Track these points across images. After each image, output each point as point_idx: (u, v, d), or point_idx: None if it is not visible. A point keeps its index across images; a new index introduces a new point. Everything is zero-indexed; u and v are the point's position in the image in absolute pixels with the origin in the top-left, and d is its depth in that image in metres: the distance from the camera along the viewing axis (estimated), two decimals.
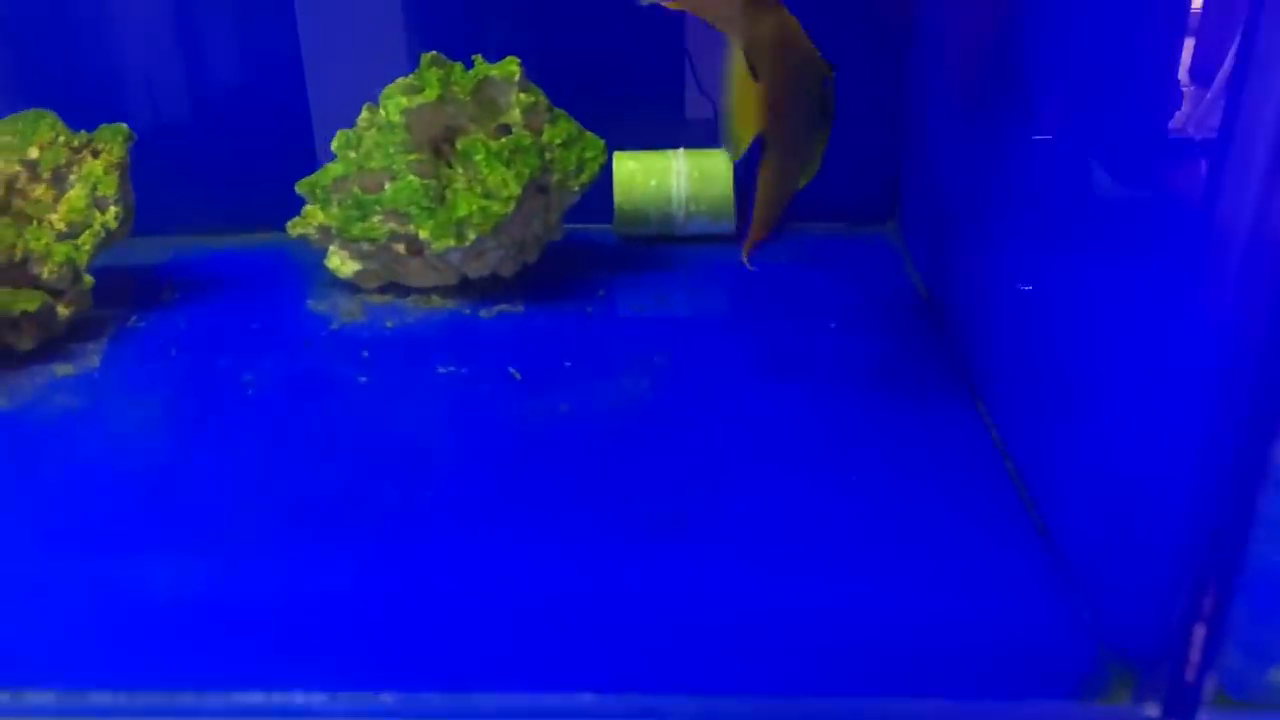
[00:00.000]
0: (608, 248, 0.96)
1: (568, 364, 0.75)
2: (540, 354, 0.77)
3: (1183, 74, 0.47)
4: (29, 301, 0.76)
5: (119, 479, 0.63)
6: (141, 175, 0.85)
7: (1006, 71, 0.70)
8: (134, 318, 0.84)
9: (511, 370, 0.74)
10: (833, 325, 0.79)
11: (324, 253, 0.89)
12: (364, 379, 0.74)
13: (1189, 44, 0.46)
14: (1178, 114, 0.47)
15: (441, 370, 0.75)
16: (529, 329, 0.81)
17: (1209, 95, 0.44)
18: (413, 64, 0.87)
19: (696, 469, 0.63)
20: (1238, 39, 0.40)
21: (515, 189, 0.83)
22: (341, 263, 0.88)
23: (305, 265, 0.92)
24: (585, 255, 0.94)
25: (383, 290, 0.88)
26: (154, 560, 0.56)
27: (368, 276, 0.88)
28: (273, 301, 0.87)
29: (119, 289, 0.87)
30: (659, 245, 0.96)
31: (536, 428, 0.67)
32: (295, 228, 0.88)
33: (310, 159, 0.96)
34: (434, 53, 0.86)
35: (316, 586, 0.54)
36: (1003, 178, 0.68)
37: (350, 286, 0.88)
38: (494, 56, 0.87)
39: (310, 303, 0.87)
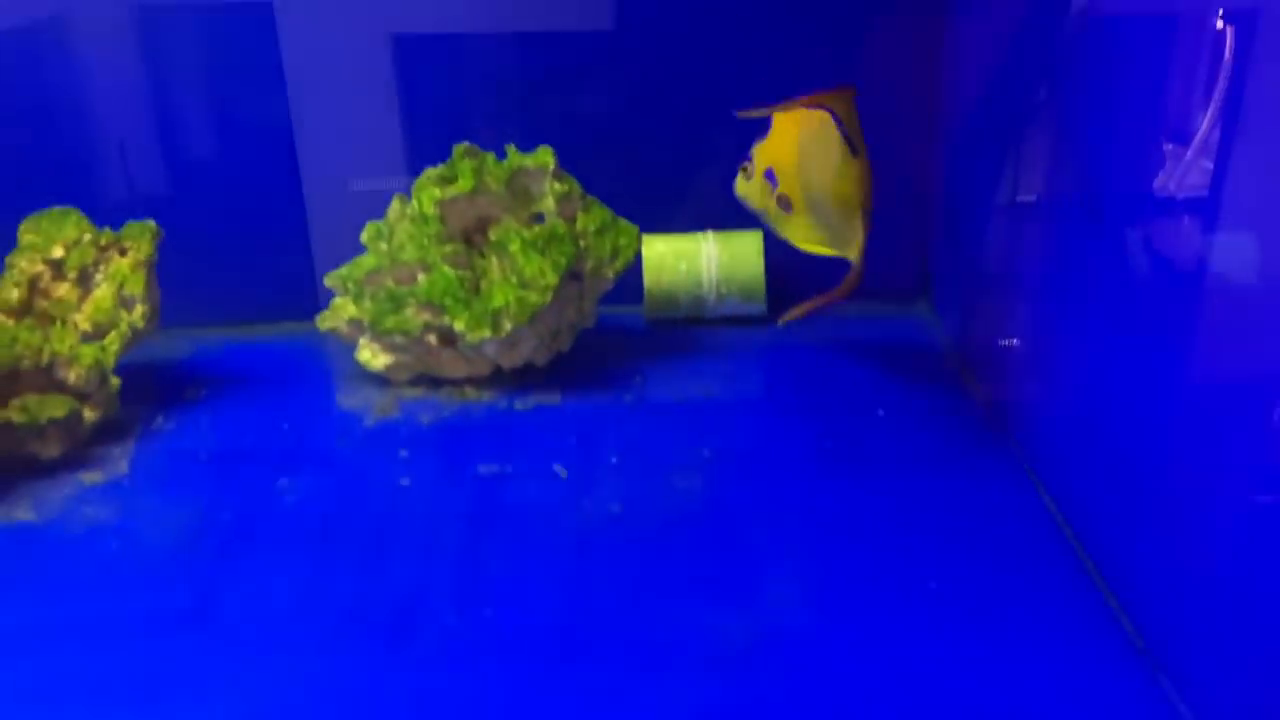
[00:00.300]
0: (638, 331, 0.95)
1: (614, 460, 0.73)
2: (583, 449, 0.75)
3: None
4: (57, 408, 0.73)
5: (153, 602, 0.60)
6: (160, 268, 0.84)
7: (1059, 159, 0.70)
8: (160, 418, 0.81)
9: (557, 468, 0.72)
10: (881, 413, 0.78)
11: (351, 345, 0.87)
12: (405, 481, 0.71)
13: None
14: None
15: (484, 470, 0.72)
16: (568, 421, 0.79)
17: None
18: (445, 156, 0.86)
19: (760, 582, 0.60)
20: None
21: (552, 278, 0.82)
22: (373, 355, 0.86)
23: (331, 357, 0.90)
24: (617, 340, 0.93)
25: (414, 382, 0.86)
26: (190, 695, 0.53)
27: (399, 369, 0.86)
28: (302, 398, 0.85)
29: (142, 387, 0.85)
30: (690, 328, 0.94)
31: (590, 533, 0.65)
32: (325, 321, 0.86)
33: (328, 247, 0.95)
34: (466, 144, 0.86)
35: None
36: (1064, 269, 0.67)
37: (381, 379, 0.86)
38: (502, 141, 0.86)
39: (341, 398, 0.84)
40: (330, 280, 0.86)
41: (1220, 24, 0.49)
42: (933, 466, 0.71)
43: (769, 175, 0.80)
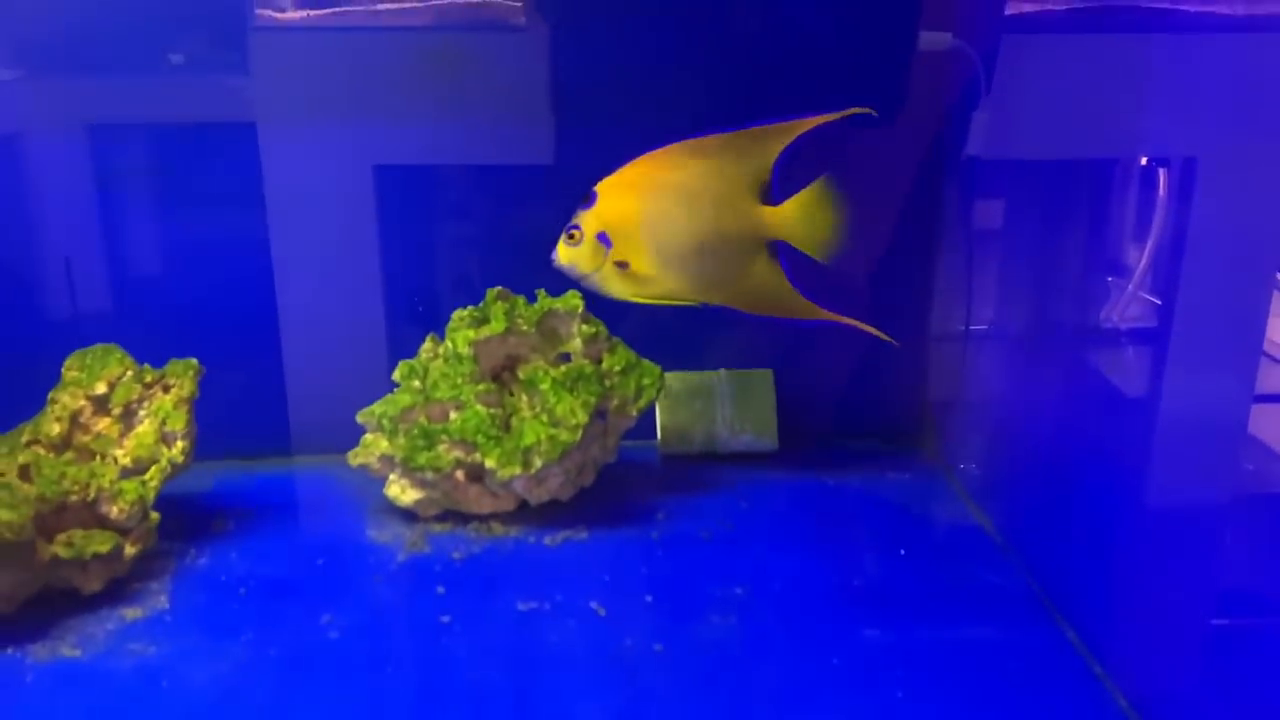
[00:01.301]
0: (654, 466, 0.98)
1: (648, 598, 0.75)
2: (617, 586, 0.77)
3: None
4: (102, 543, 0.74)
5: None
6: None
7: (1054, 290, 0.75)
8: (192, 552, 0.82)
9: (594, 605, 0.74)
10: (902, 552, 0.81)
11: (379, 479, 0.89)
12: (446, 618, 0.73)
13: None
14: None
15: (522, 607, 0.74)
16: (598, 557, 0.82)
17: None
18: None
19: None
20: None
21: (583, 417, 0.85)
22: (401, 491, 0.88)
23: (353, 490, 0.92)
24: (635, 475, 0.96)
25: (441, 518, 0.88)
26: None
27: (427, 505, 0.88)
28: (331, 531, 0.86)
29: (172, 520, 0.86)
30: (704, 463, 0.98)
31: (638, 673, 0.67)
32: (356, 458, 0.89)
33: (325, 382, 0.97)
34: (499, 288, 0.90)
35: None
36: (1086, 417, 0.72)
37: (408, 514, 0.88)
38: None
39: (370, 532, 0.86)
40: (362, 417, 0.89)
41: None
42: (957, 604, 0.74)
43: (601, 238, 0.84)
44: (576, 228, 0.84)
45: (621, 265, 0.84)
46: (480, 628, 0.72)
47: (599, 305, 0.91)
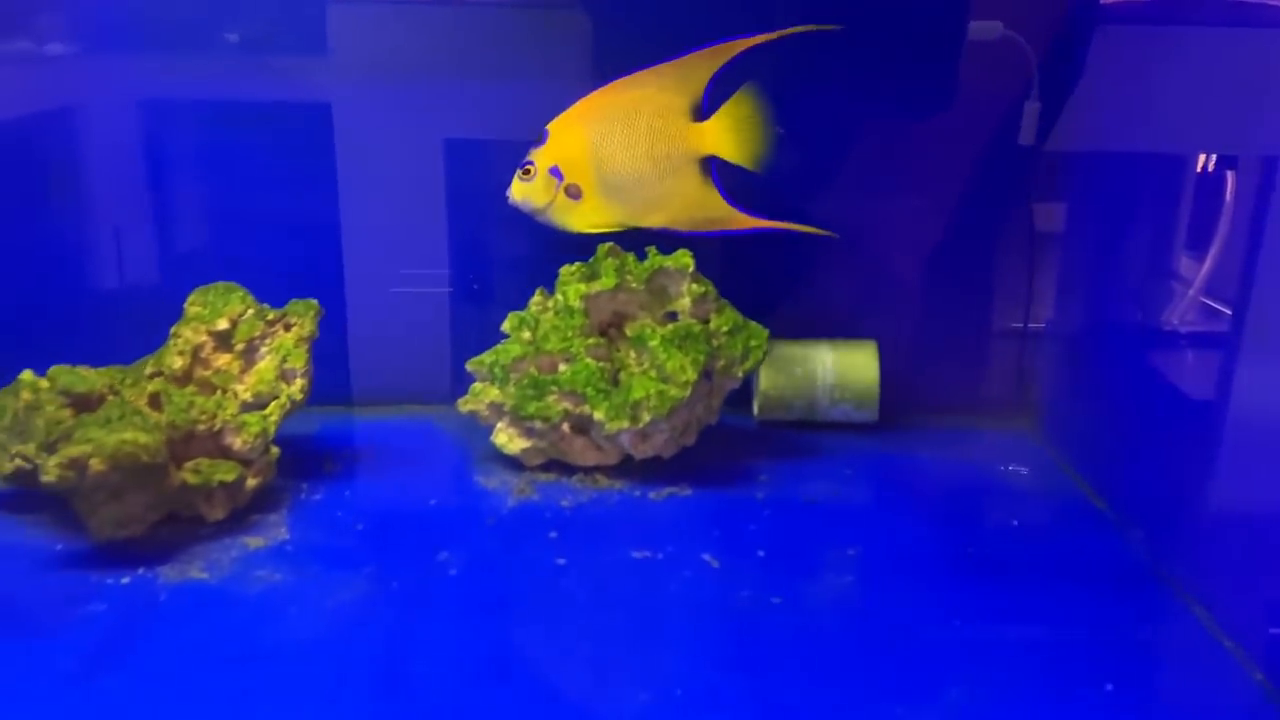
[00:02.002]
0: (752, 431, 0.98)
1: (761, 553, 0.76)
2: (727, 541, 0.77)
3: None
4: (227, 472, 0.76)
5: (339, 665, 0.62)
6: None
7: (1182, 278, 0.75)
8: (306, 488, 0.84)
9: (707, 558, 0.75)
10: (1015, 523, 0.81)
11: (479, 427, 0.90)
12: (562, 561, 0.74)
13: None
14: None
15: (636, 555, 0.75)
16: (704, 514, 0.82)
17: None
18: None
19: (936, 686, 0.62)
20: None
21: (692, 374, 0.86)
22: (509, 439, 0.89)
23: (456, 437, 0.93)
24: (734, 439, 0.96)
25: (546, 467, 0.89)
26: None
27: (533, 454, 0.89)
28: (440, 476, 0.88)
29: (284, 457, 0.87)
30: (802, 431, 0.98)
31: (757, 624, 0.67)
32: (466, 404, 0.90)
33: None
34: (610, 244, 0.91)
35: None
36: (1203, 394, 0.71)
37: (514, 463, 0.89)
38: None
39: (478, 478, 0.87)
40: (472, 365, 0.90)
41: None
42: (1076, 576, 0.73)
43: (553, 172, 0.87)
44: (530, 163, 0.88)
45: (573, 195, 0.88)
46: (596, 573, 0.72)
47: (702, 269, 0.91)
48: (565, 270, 0.91)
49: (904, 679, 0.62)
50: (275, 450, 0.81)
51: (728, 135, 0.88)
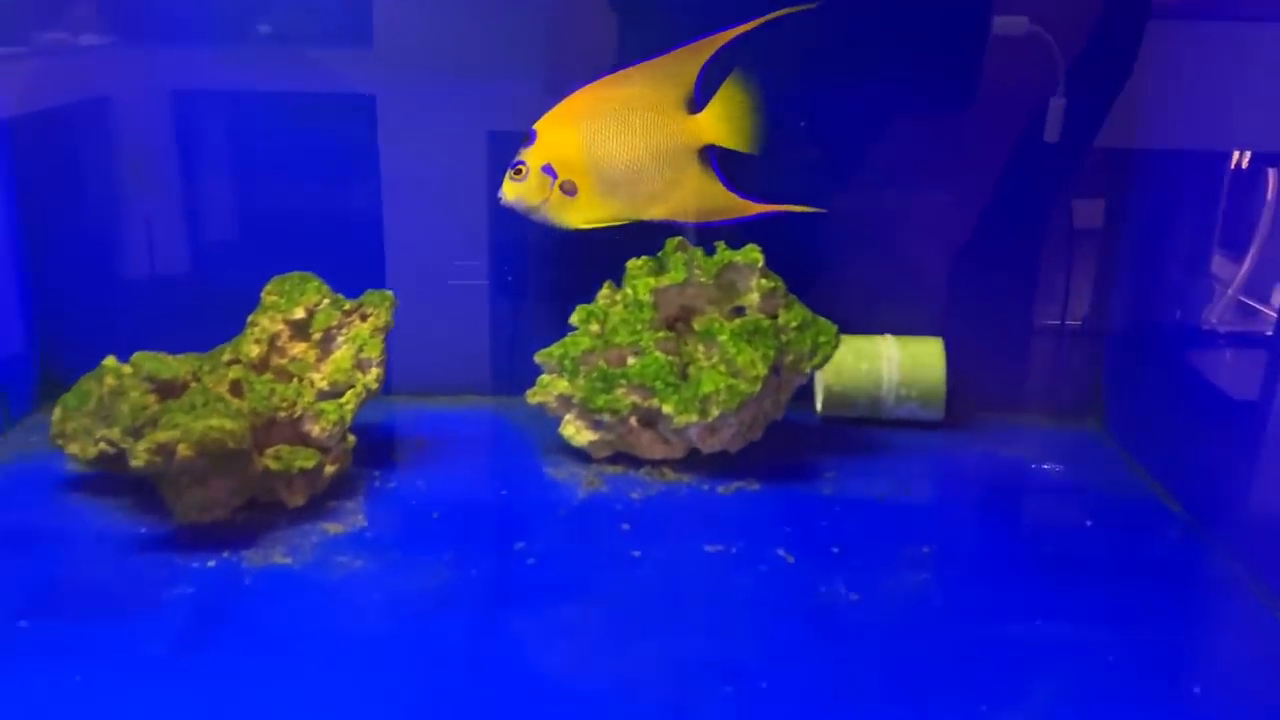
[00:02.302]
0: (815, 427, 0.98)
1: (835, 550, 0.76)
2: (799, 537, 0.77)
3: None
4: (307, 459, 0.77)
5: (426, 652, 0.63)
6: None
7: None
8: (379, 475, 0.85)
9: (781, 553, 0.75)
10: (1089, 524, 0.80)
11: (542, 418, 0.90)
12: (637, 553, 0.74)
13: None
14: None
15: (709, 549, 0.75)
16: (774, 509, 0.82)
17: None
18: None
19: (1024, 684, 0.62)
20: None
21: (762, 369, 0.86)
22: (576, 431, 0.90)
23: (521, 428, 0.94)
24: (798, 434, 0.96)
25: (612, 460, 0.89)
26: None
27: (600, 446, 0.90)
28: (510, 466, 0.88)
29: (359, 446, 0.89)
30: (866, 428, 0.98)
31: (835, 619, 0.67)
32: (534, 396, 0.90)
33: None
34: (679, 238, 0.91)
35: None
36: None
37: (581, 455, 0.90)
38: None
39: (546, 469, 0.88)
40: (541, 358, 0.91)
41: None
42: (1155, 577, 0.73)
43: (547, 170, 0.89)
44: (521, 163, 0.88)
45: (568, 191, 0.89)
46: (671, 565, 0.73)
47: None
48: (633, 264, 0.92)
49: (989, 678, 0.62)
50: (352, 438, 0.82)
51: (723, 124, 0.90)
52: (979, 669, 0.63)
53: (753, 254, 0.90)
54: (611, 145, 0.89)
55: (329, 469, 0.80)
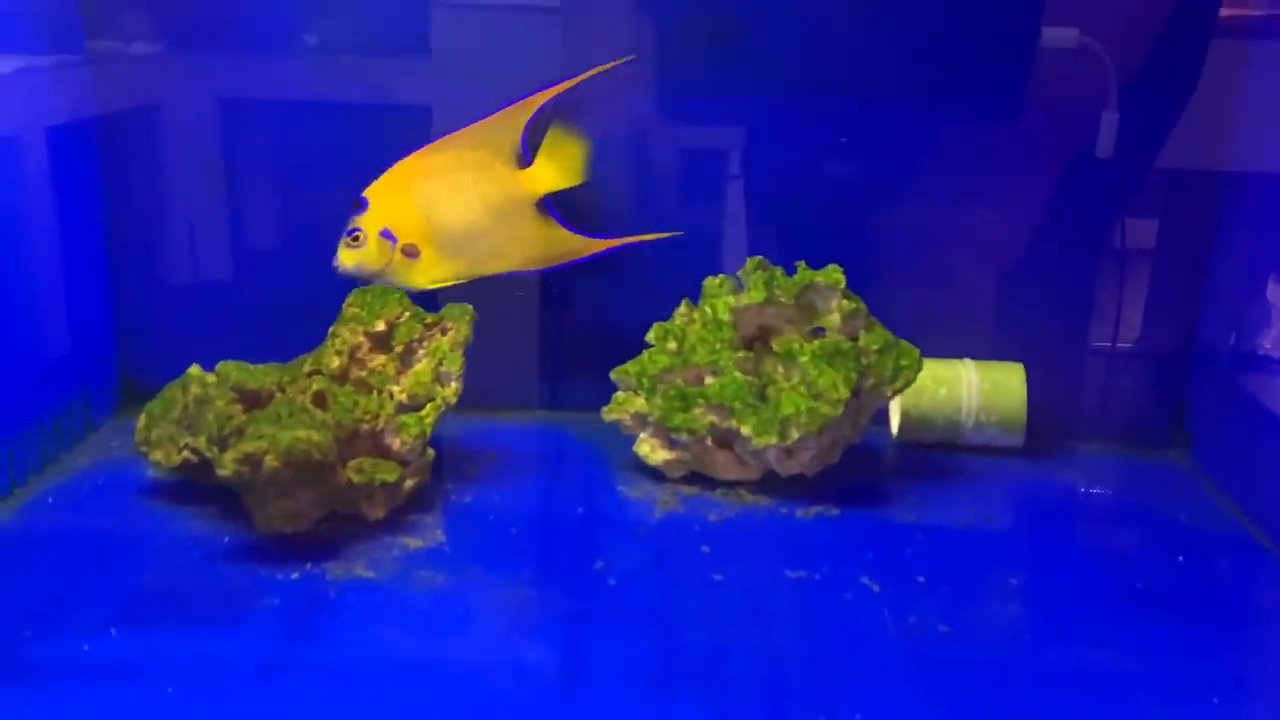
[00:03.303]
0: (891, 451, 0.97)
1: (920, 579, 0.74)
2: (883, 564, 0.76)
3: None
4: (389, 472, 0.77)
5: (518, 670, 0.62)
6: None
7: None
8: (454, 489, 0.85)
9: (865, 580, 0.73)
10: (1180, 559, 0.78)
11: (613, 435, 0.90)
12: (718, 576, 0.73)
13: None
14: None
15: (792, 574, 0.74)
16: (855, 535, 0.80)
17: None
18: None
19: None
20: None
21: (845, 392, 0.84)
22: (651, 450, 0.89)
23: (591, 445, 0.93)
24: (875, 459, 0.95)
25: (687, 480, 0.88)
26: None
27: (675, 466, 0.89)
28: (583, 483, 0.88)
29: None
30: (943, 453, 0.96)
31: (928, 651, 0.65)
32: (610, 413, 0.90)
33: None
34: (759, 257, 0.90)
35: None
36: None
37: (655, 473, 0.89)
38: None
39: (620, 487, 0.87)
40: (617, 375, 0.90)
41: None
42: (1253, 614, 0.71)
43: (385, 234, 0.88)
44: (357, 230, 0.87)
45: (410, 254, 0.88)
46: (755, 591, 0.72)
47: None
48: (711, 283, 0.91)
49: (1089, 714, 0.60)
50: (431, 452, 0.82)
51: (552, 173, 0.92)
52: (1078, 706, 0.61)
53: (834, 274, 0.89)
54: (445, 207, 0.89)
55: (409, 483, 0.80)
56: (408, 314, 0.86)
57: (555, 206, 0.93)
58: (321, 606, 0.68)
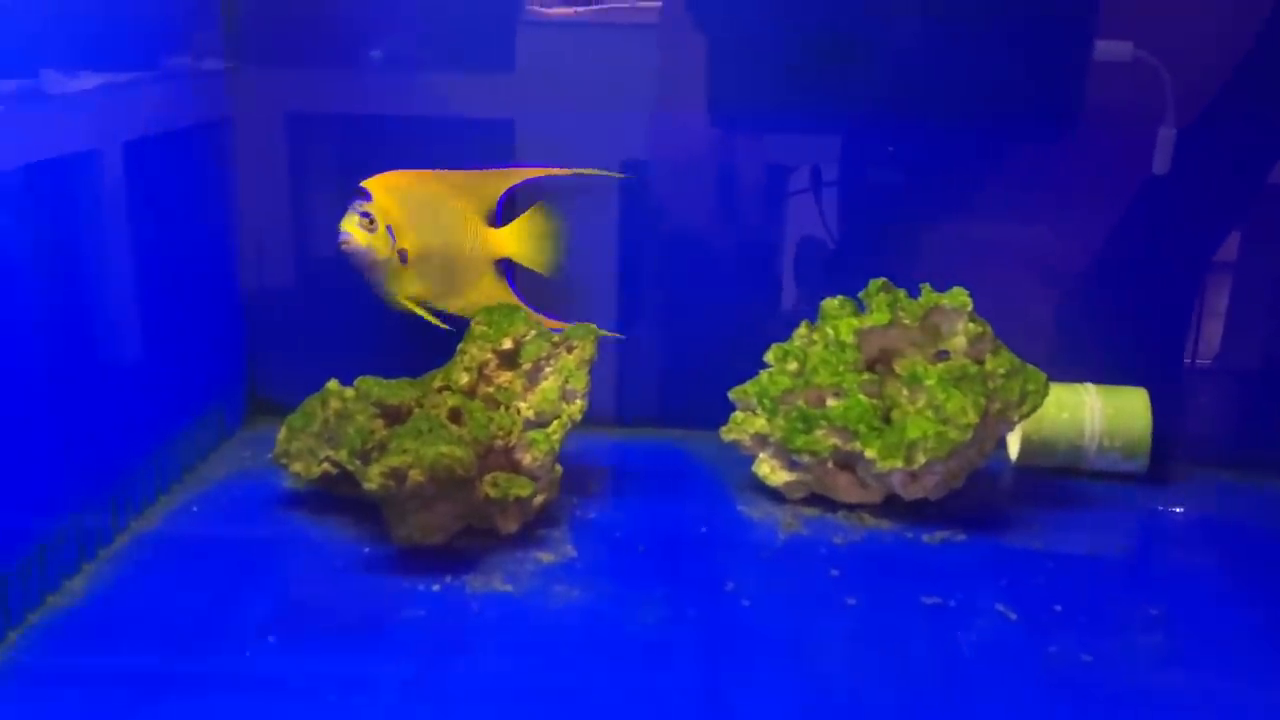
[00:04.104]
0: (1011, 476, 0.96)
1: (1057, 608, 0.73)
2: (1017, 592, 0.75)
3: None
4: (522, 488, 0.79)
5: (664, 690, 0.63)
6: None
7: None
8: (579, 505, 0.86)
9: (1001, 608, 0.73)
10: None
11: (730, 453, 0.90)
12: (852, 601, 0.73)
13: None
14: None
15: (926, 601, 0.73)
16: (985, 561, 0.80)
17: None
18: None
19: None
20: None
21: (974, 416, 0.84)
22: (771, 471, 0.89)
23: (707, 464, 0.94)
24: (996, 483, 0.94)
25: (807, 501, 0.88)
26: None
27: (795, 487, 0.89)
28: (704, 502, 0.88)
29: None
30: (1065, 479, 0.94)
31: (1072, 682, 0.65)
32: (729, 433, 0.90)
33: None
34: (883, 279, 0.90)
35: None
36: None
37: (775, 494, 0.89)
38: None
39: (741, 508, 0.88)
40: (736, 395, 0.91)
41: None
42: None
43: (390, 231, 0.88)
44: (370, 215, 0.86)
45: (403, 258, 0.89)
46: (890, 617, 0.71)
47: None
48: (831, 304, 0.91)
49: None
50: (559, 468, 0.83)
51: (519, 243, 0.96)
52: None
53: (960, 297, 0.88)
54: (431, 226, 0.91)
55: (539, 498, 0.81)
56: (534, 332, 0.88)
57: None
58: (464, 619, 0.69)
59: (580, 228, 0.98)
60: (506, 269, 0.97)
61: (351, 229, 0.87)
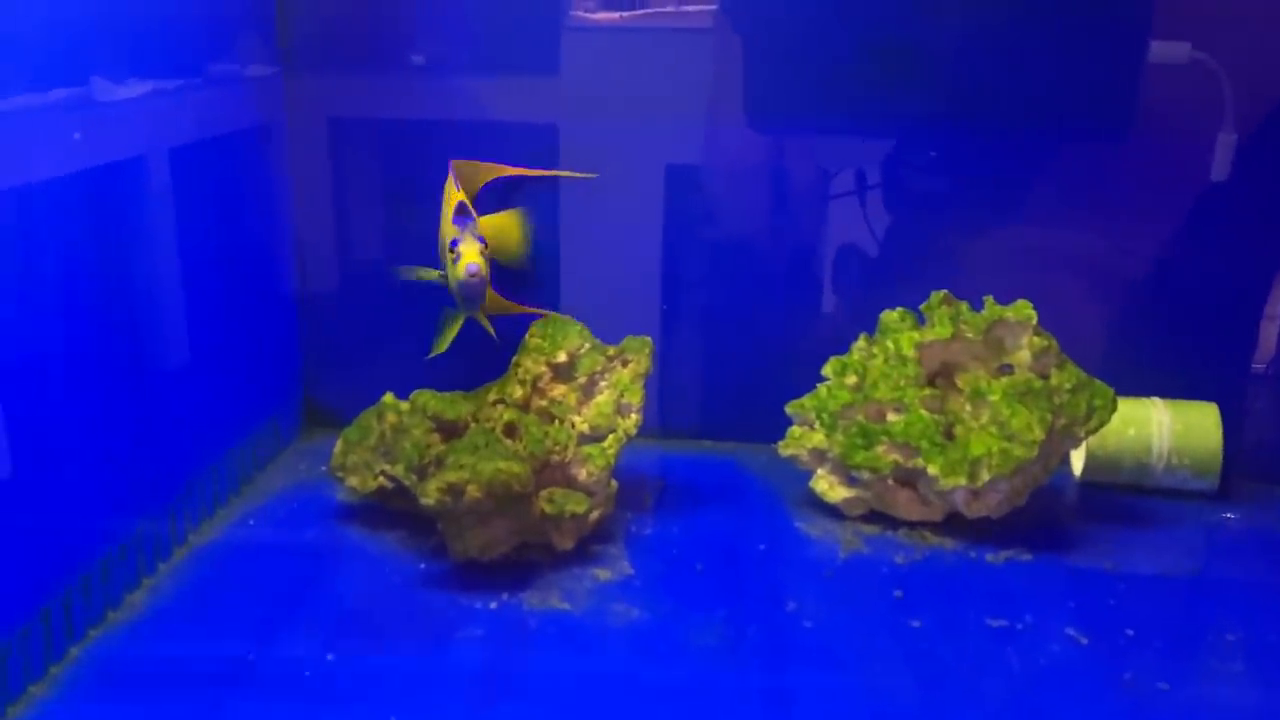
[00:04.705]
0: (1076, 493, 0.93)
1: (1129, 632, 0.71)
2: (1086, 614, 0.73)
3: None
4: (578, 504, 0.78)
5: (730, 714, 0.62)
6: None
7: None
8: (632, 520, 0.85)
9: (1071, 632, 0.71)
10: None
11: (784, 468, 0.89)
12: (916, 623, 0.71)
13: None
14: None
15: (993, 623, 0.72)
16: (1052, 582, 0.78)
17: None
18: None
19: None
20: None
21: (1039, 433, 0.82)
22: (829, 487, 0.88)
23: (766, 480, 0.92)
24: (1061, 500, 0.91)
25: (867, 519, 0.87)
26: None
27: (854, 504, 0.87)
28: (761, 518, 0.87)
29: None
30: (1132, 496, 0.92)
31: (1152, 708, 0.63)
32: (786, 448, 0.89)
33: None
34: (944, 291, 0.88)
35: None
36: None
37: (833, 511, 0.87)
38: None
39: (799, 524, 0.86)
40: (793, 409, 0.89)
41: None
42: None
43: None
44: (484, 239, 0.84)
45: (493, 266, 0.88)
46: (957, 639, 0.70)
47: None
48: (890, 317, 0.89)
49: None
50: (614, 484, 0.82)
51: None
52: None
53: (1025, 310, 0.86)
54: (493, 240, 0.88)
55: (594, 514, 0.80)
56: (588, 345, 0.87)
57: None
58: (523, 638, 0.68)
59: (624, 234, 0.97)
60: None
61: (477, 259, 0.82)
